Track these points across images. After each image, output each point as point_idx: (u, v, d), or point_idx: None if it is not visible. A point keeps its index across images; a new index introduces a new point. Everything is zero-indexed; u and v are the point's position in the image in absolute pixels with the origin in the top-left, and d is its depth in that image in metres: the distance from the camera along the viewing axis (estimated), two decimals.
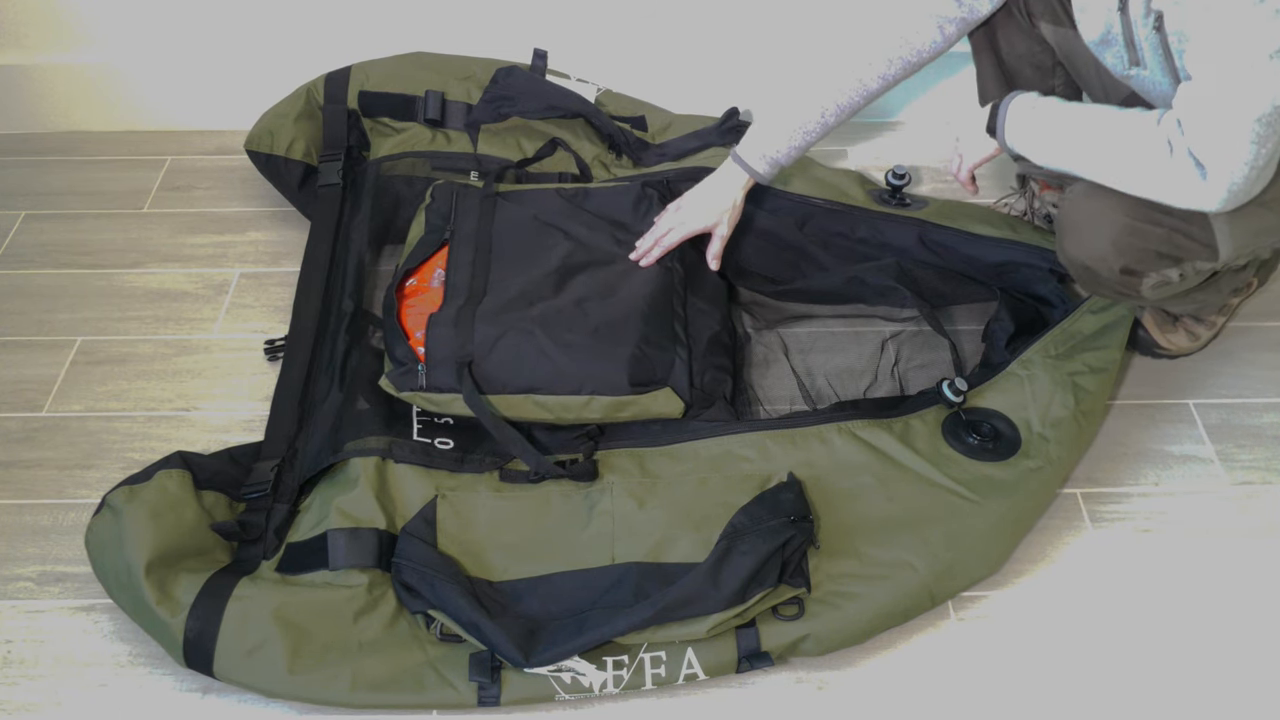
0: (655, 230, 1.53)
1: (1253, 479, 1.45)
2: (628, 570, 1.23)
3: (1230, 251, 1.31)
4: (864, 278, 1.60)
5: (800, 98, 1.47)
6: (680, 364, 1.40)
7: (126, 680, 1.23)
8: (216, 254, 1.75)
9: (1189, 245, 1.30)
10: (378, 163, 1.70)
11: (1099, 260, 1.30)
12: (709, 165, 1.66)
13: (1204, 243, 1.30)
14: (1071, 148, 1.27)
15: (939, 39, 1.45)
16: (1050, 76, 1.54)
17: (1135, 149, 1.21)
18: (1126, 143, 1.22)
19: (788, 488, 1.28)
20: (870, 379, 1.55)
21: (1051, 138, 1.29)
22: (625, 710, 1.22)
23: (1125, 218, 1.27)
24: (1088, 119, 1.26)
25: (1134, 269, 1.30)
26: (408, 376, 1.35)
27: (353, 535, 1.23)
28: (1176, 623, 1.30)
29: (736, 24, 1.90)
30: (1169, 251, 1.30)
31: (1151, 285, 1.33)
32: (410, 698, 1.17)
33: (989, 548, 1.31)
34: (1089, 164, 1.26)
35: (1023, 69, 1.54)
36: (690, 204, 1.53)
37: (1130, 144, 1.22)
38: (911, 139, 1.97)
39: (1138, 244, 1.28)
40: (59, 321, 1.64)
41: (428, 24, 1.88)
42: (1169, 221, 1.28)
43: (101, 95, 1.94)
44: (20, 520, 1.39)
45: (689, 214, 1.52)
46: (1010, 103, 1.33)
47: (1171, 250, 1.30)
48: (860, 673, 1.25)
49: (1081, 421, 1.40)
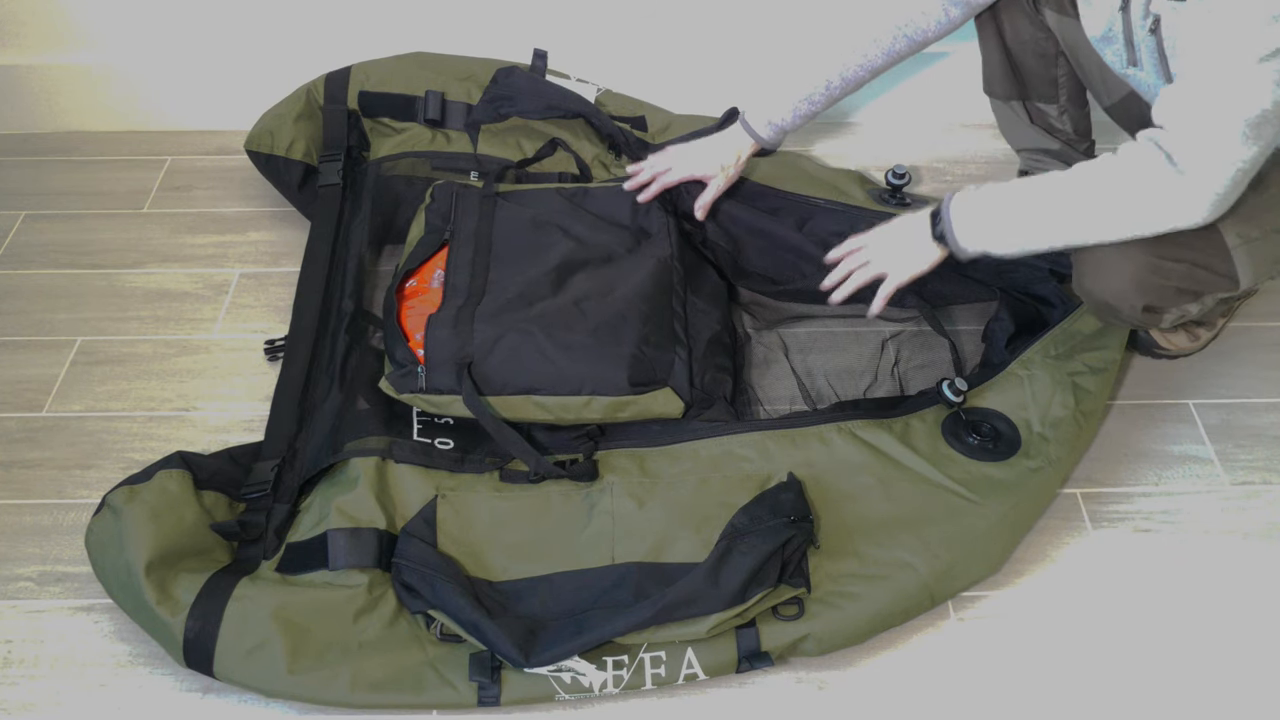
0: (654, 164, 1.57)
1: (1253, 479, 1.45)
2: (628, 570, 1.23)
3: (1250, 280, 1.30)
4: None
5: (806, 67, 1.51)
6: (680, 364, 1.40)
7: (126, 680, 1.24)
8: (216, 254, 1.75)
9: (1210, 279, 1.28)
10: (378, 163, 1.70)
11: (1120, 298, 1.28)
12: None
13: (1224, 274, 1.28)
14: (1038, 217, 1.24)
15: (944, 19, 1.46)
16: (1053, 66, 1.54)
17: (1103, 185, 1.20)
18: (1091, 185, 1.21)
19: (787, 488, 1.28)
20: (870, 379, 1.55)
21: (1012, 217, 1.25)
22: (625, 710, 1.22)
23: (1146, 255, 1.24)
24: (1041, 183, 1.24)
25: (1155, 306, 1.29)
26: (407, 378, 1.35)
27: (353, 535, 1.23)
28: (1176, 623, 1.30)
29: (737, 24, 1.90)
30: (1189, 287, 1.28)
31: (1171, 319, 1.33)
32: (410, 698, 1.17)
33: (989, 548, 1.31)
34: (1061, 223, 1.23)
35: (1026, 57, 1.54)
36: (693, 151, 1.57)
37: (1096, 183, 1.20)
38: (912, 139, 1.97)
39: (1159, 281, 1.26)
40: (59, 321, 1.64)
41: (428, 24, 1.88)
42: (1190, 256, 1.26)
43: (101, 95, 1.94)
44: (20, 520, 1.39)
45: (691, 160, 1.57)
46: (951, 203, 1.30)
47: (1192, 285, 1.28)
48: (860, 673, 1.25)
49: (1081, 421, 1.40)
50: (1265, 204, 1.29)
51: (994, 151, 1.93)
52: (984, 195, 1.28)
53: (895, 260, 1.36)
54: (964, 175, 1.90)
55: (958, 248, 1.30)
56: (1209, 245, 1.26)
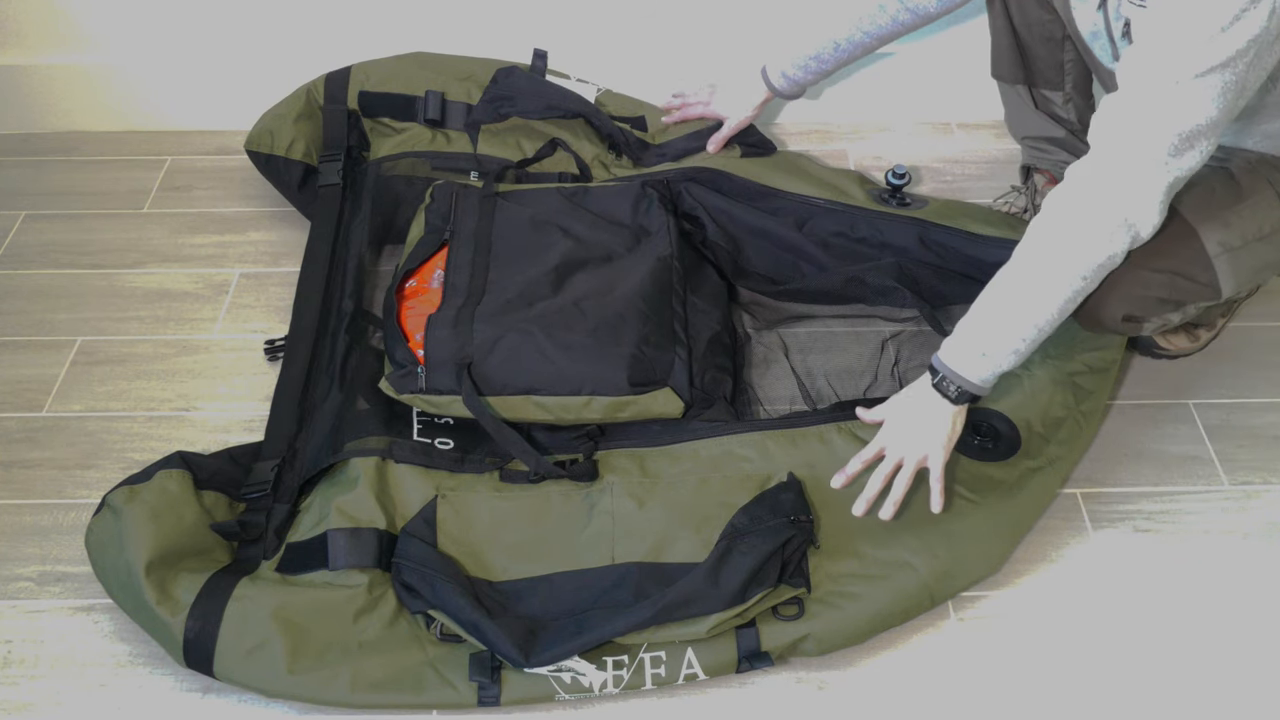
0: (697, 93, 1.77)
1: (1253, 479, 1.45)
2: (628, 570, 1.23)
3: (1232, 289, 1.31)
4: (864, 278, 1.59)
5: (819, 26, 1.62)
6: (680, 364, 1.40)
7: (126, 680, 1.24)
8: (216, 254, 1.75)
9: (1191, 288, 1.29)
10: (378, 163, 1.70)
11: (1100, 307, 1.28)
12: (709, 165, 1.66)
13: (1206, 283, 1.29)
14: (1014, 310, 1.21)
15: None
16: (1060, 51, 1.54)
17: (1043, 248, 1.20)
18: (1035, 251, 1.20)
19: (787, 488, 1.28)
20: (870, 379, 1.55)
21: (994, 327, 1.22)
22: (625, 710, 1.22)
23: (1127, 266, 1.23)
24: (997, 280, 1.23)
25: (1136, 316, 1.29)
26: (407, 379, 1.35)
27: (353, 535, 1.23)
28: (1176, 623, 1.30)
29: (737, 24, 1.90)
30: (1171, 296, 1.29)
31: (1153, 327, 1.33)
32: (410, 697, 1.17)
33: (989, 547, 1.31)
34: (1035, 301, 1.21)
35: (1033, 41, 1.54)
36: (720, 95, 1.73)
37: (1037, 249, 1.20)
38: (911, 139, 1.97)
39: (1140, 292, 1.27)
40: (59, 321, 1.64)
41: (428, 24, 1.88)
42: (1171, 265, 1.27)
43: (101, 95, 1.94)
44: (20, 520, 1.39)
45: (719, 101, 1.72)
46: (940, 361, 1.25)
47: (1174, 295, 1.29)
48: (860, 673, 1.25)
49: (1081, 421, 1.40)
50: (1245, 212, 1.29)
51: (994, 151, 1.93)
52: (961, 331, 1.25)
53: (925, 442, 1.26)
54: (963, 175, 1.89)
55: (974, 387, 1.25)
56: (1190, 254, 1.26)
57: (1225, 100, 1.11)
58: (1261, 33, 1.08)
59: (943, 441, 1.26)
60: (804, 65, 1.64)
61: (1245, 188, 1.30)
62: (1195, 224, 1.28)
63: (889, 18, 1.55)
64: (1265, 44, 1.09)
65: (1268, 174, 1.32)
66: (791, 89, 1.68)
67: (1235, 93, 1.11)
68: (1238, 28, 1.07)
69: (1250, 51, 1.09)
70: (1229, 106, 1.12)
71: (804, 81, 1.67)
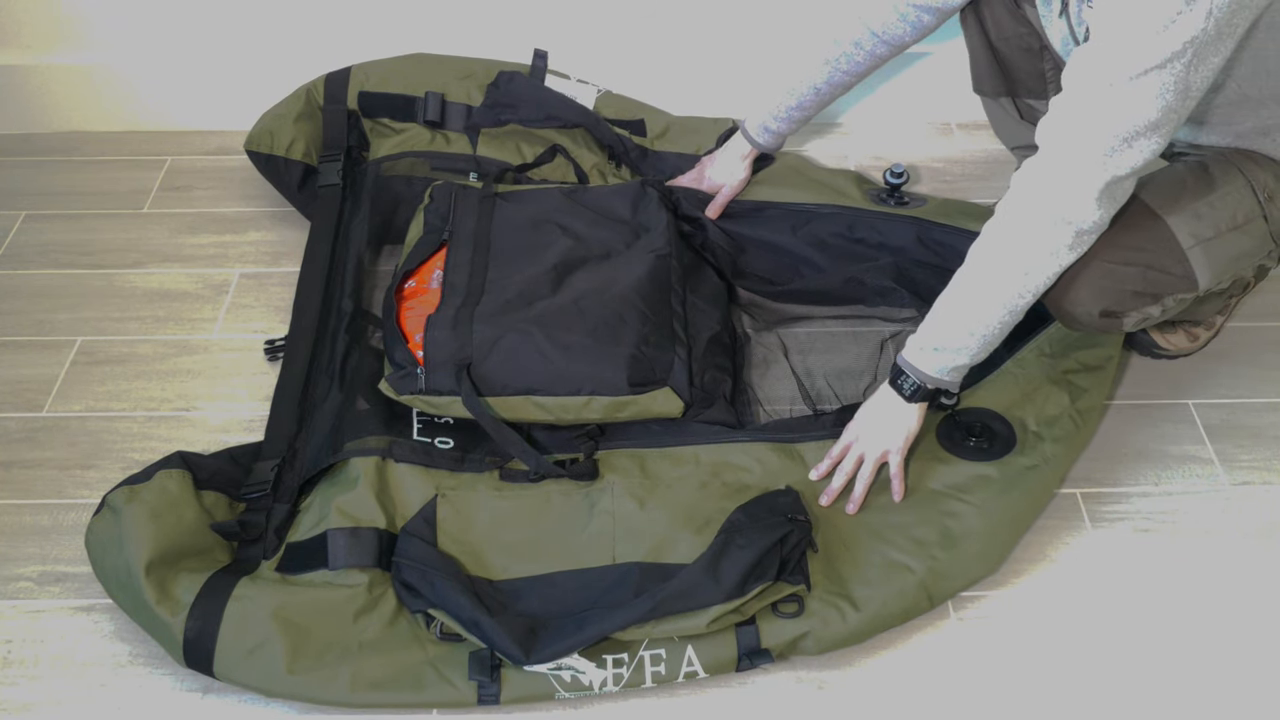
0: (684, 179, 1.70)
1: (1253, 479, 1.45)
2: (629, 570, 1.23)
3: (1209, 280, 1.30)
4: (862, 278, 1.60)
5: (795, 74, 1.59)
6: (680, 363, 1.40)
7: (126, 680, 1.24)
8: (216, 254, 1.75)
9: (1166, 280, 1.29)
10: (377, 163, 1.70)
11: (1075, 304, 1.28)
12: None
13: (1181, 275, 1.29)
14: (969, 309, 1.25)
15: (918, 23, 1.50)
16: (1039, 60, 1.54)
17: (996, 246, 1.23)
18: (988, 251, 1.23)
19: (785, 493, 1.28)
20: (870, 379, 1.55)
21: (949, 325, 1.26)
22: (625, 709, 1.22)
23: (1098, 260, 1.25)
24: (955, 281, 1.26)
25: (1113, 311, 1.29)
26: (407, 380, 1.35)
27: (353, 535, 1.23)
28: (1176, 623, 1.30)
29: (737, 24, 1.90)
30: (1146, 289, 1.29)
31: (1133, 322, 1.33)
32: (410, 697, 1.17)
33: (986, 548, 1.31)
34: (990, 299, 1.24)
35: (1011, 53, 1.54)
36: (709, 165, 1.68)
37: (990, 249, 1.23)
38: (910, 138, 1.97)
39: (1113, 286, 1.27)
40: (59, 321, 1.64)
41: (428, 24, 1.88)
42: (1143, 259, 1.27)
43: (101, 95, 1.94)
44: (20, 520, 1.39)
45: (710, 170, 1.68)
46: (904, 357, 1.30)
47: (1149, 288, 1.28)
48: (860, 673, 1.25)
49: (1078, 420, 1.40)
50: (1218, 203, 1.29)
51: (993, 151, 1.93)
52: (920, 328, 1.30)
53: (884, 439, 1.31)
54: (962, 175, 1.90)
55: (931, 381, 1.29)
56: (1162, 247, 1.26)
57: (1165, 101, 1.11)
58: (1199, 34, 1.07)
59: (901, 437, 1.31)
60: (786, 116, 1.61)
61: (1217, 179, 1.31)
62: (1165, 216, 1.28)
63: (865, 53, 1.53)
64: (1205, 45, 1.09)
65: (1241, 164, 1.32)
66: (775, 141, 1.65)
67: (1177, 93, 1.11)
68: (1174, 30, 1.07)
69: (1188, 53, 1.08)
70: (1170, 106, 1.12)
71: (786, 132, 1.64)
